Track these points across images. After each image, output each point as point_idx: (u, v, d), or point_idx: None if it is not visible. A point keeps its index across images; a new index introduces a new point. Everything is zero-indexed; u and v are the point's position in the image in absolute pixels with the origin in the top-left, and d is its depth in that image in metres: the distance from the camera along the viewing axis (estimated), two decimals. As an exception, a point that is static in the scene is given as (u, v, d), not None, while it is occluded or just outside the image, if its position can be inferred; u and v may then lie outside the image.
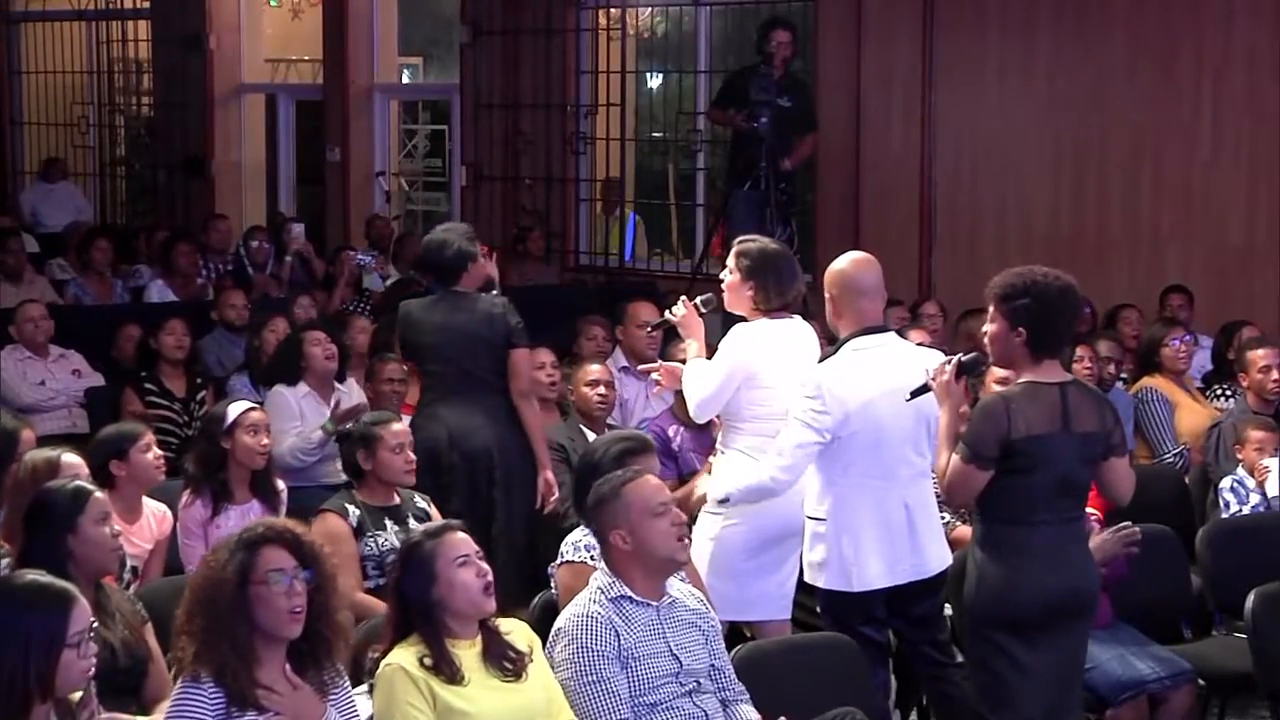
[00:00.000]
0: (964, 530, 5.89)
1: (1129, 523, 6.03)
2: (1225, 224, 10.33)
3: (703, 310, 6.21)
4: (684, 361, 6.16)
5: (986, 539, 5.04)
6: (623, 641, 4.68)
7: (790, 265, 6.08)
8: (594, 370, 7.41)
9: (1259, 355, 7.69)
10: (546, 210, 13.64)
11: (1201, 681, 6.03)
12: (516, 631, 4.67)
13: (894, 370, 5.48)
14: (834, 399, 5.48)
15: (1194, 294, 9.68)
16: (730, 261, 6.05)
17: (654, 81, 14.16)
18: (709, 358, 6.02)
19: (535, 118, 13.72)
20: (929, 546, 5.65)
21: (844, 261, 5.74)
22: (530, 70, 13.72)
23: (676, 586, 4.91)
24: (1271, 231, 9.86)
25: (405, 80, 16.89)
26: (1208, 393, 8.44)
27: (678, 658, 4.75)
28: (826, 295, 5.71)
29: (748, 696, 4.85)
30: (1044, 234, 11.01)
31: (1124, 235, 10.74)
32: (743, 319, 6.02)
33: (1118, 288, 10.05)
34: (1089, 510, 6.68)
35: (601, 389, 7.28)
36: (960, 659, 5.54)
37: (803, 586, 6.11)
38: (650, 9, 13.74)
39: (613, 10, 13.48)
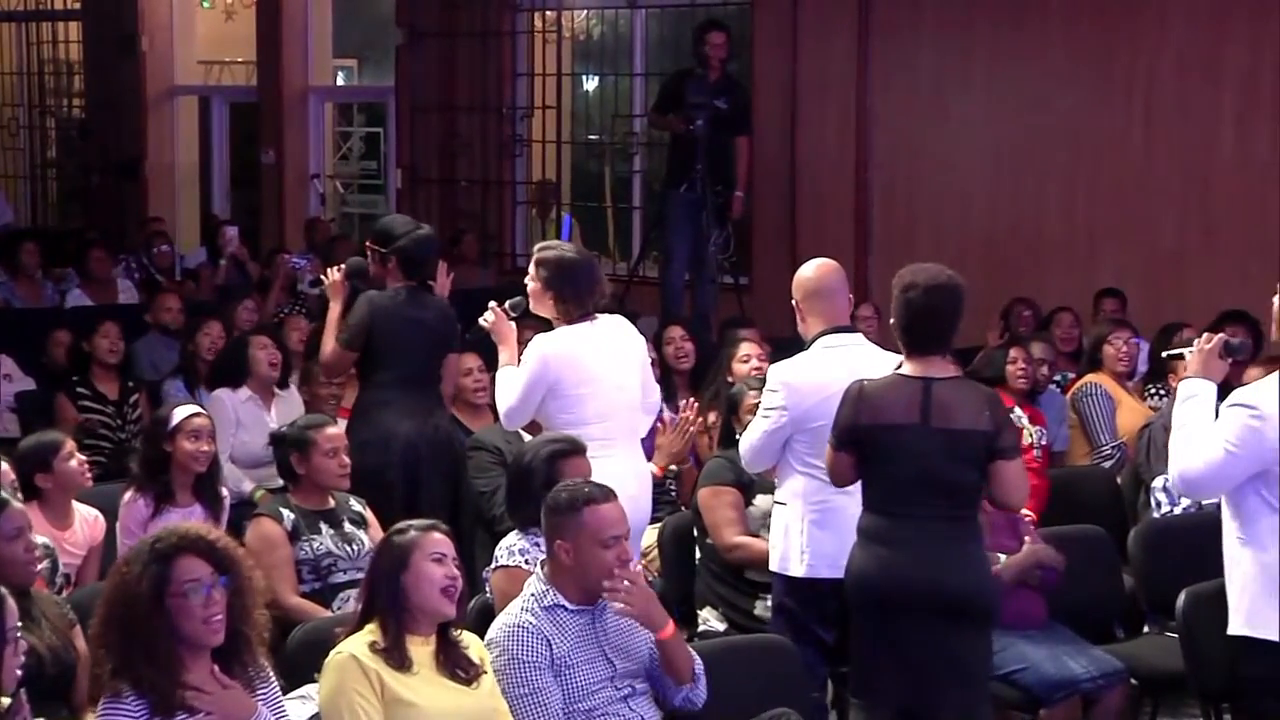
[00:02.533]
0: None
1: (1055, 550, 6.09)
2: (1159, 227, 10.40)
3: (512, 315, 6.31)
4: None
5: (863, 527, 5.13)
6: (556, 650, 4.68)
7: (589, 272, 6.17)
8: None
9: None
10: (483, 213, 13.62)
11: (1134, 681, 6.06)
12: (472, 645, 4.69)
13: (862, 369, 5.48)
14: (794, 393, 5.51)
15: (1128, 296, 9.76)
16: (531, 269, 6.18)
17: (590, 84, 14.16)
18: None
19: (471, 120, 13.70)
20: None
21: (807, 268, 5.79)
22: (466, 73, 13.70)
23: None
24: (1204, 234, 9.94)
25: (340, 82, 16.82)
26: (1144, 393, 8.50)
27: (612, 662, 4.75)
28: (794, 303, 5.73)
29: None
30: (980, 237, 11.07)
31: (1059, 238, 10.81)
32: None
33: (1054, 290, 10.11)
34: (1025, 512, 6.78)
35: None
36: None
37: (739, 588, 6.14)
38: (586, 12, 13.75)
39: (548, 13, 13.48)
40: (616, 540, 4.74)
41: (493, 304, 6.36)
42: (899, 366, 5.18)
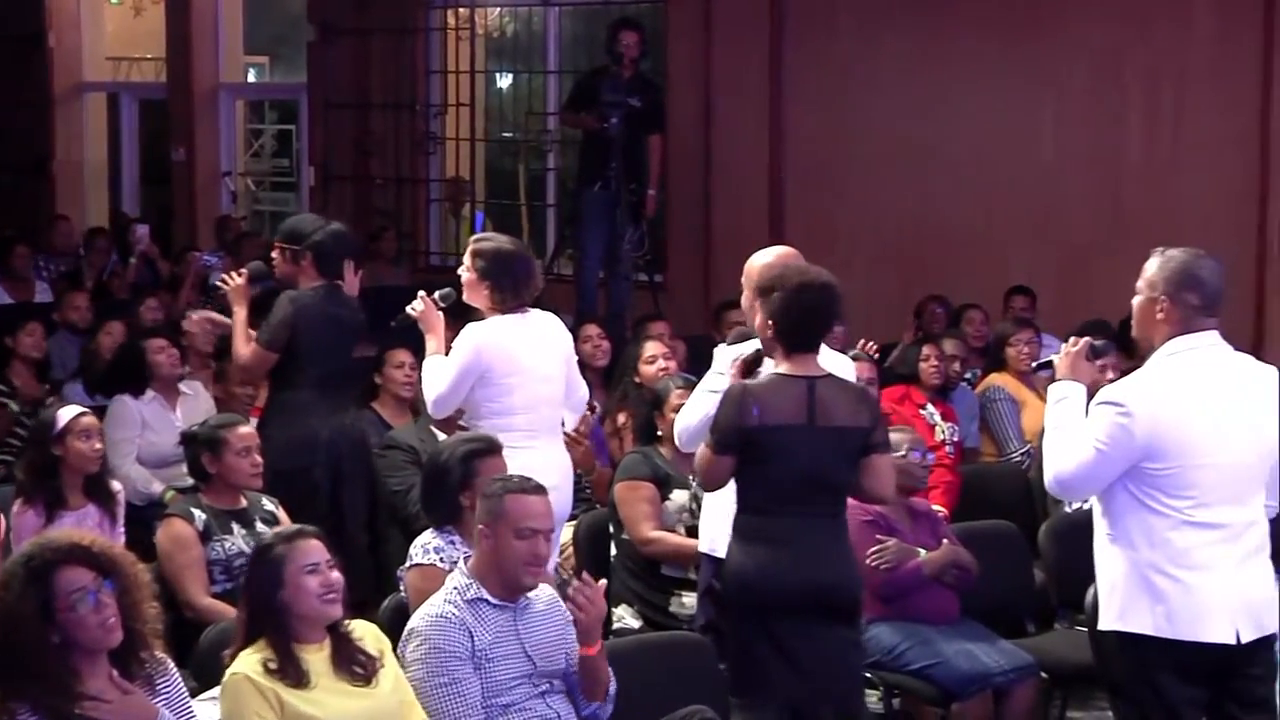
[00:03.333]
0: None
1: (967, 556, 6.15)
2: (1069, 225, 10.51)
3: (441, 304, 6.33)
4: None
5: (739, 527, 5.12)
6: (477, 643, 4.67)
7: (526, 265, 6.21)
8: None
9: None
10: (397, 211, 13.56)
11: (1044, 674, 6.12)
12: (367, 635, 4.65)
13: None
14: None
15: (1039, 294, 9.86)
16: (466, 259, 6.19)
17: (504, 81, 14.14)
18: None
19: (384, 118, 13.63)
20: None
21: (765, 255, 5.68)
22: (379, 70, 13.63)
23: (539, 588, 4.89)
24: (1113, 232, 10.05)
25: (252, 79, 16.70)
26: (1054, 390, 8.58)
27: (532, 659, 4.75)
28: (745, 294, 5.70)
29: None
30: (894, 235, 11.15)
31: (971, 236, 10.89)
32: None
33: (966, 288, 10.18)
34: (936, 507, 6.84)
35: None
36: None
37: (654, 585, 6.15)
38: (499, 9, 13.71)
39: (461, 10, 13.43)
40: (533, 533, 4.73)
41: (422, 293, 6.36)
42: (776, 367, 5.15)
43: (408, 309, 6.37)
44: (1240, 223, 9.50)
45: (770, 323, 5.08)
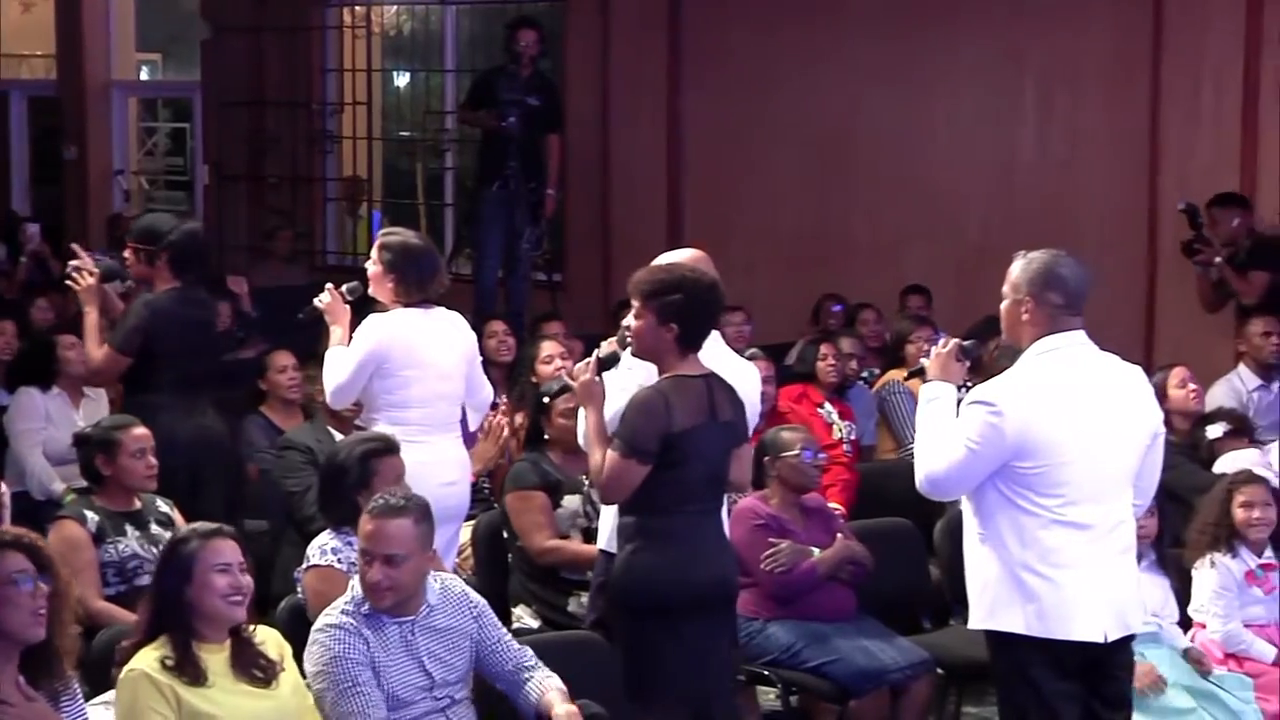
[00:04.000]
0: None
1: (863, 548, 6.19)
2: (963, 224, 10.61)
3: (349, 298, 6.32)
4: None
5: (635, 530, 5.10)
6: (376, 656, 4.64)
7: (431, 260, 6.24)
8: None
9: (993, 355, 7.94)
10: (293, 210, 13.46)
11: (940, 670, 6.17)
12: (269, 640, 4.64)
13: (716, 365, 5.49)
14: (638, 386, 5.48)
15: (934, 293, 9.94)
16: (373, 253, 6.21)
17: (401, 80, 14.07)
18: None
19: (280, 116, 13.54)
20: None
21: (685, 257, 5.70)
22: (274, 68, 13.54)
23: (439, 589, 4.83)
24: (1007, 231, 10.12)
25: (144, 77, 16.52)
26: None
27: (430, 673, 4.71)
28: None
29: (536, 661, 4.88)
30: (791, 233, 11.20)
31: (868, 236, 10.97)
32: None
33: (863, 287, 10.25)
34: (833, 505, 6.88)
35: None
36: None
37: (552, 585, 6.14)
38: (396, 8, 13.66)
39: (358, 8, 13.36)
40: (371, 559, 4.64)
41: (329, 286, 6.35)
42: (671, 369, 5.13)
43: (315, 301, 6.34)
44: (1132, 221, 9.63)
45: (672, 325, 5.05)
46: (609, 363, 5.23)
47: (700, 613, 5.12)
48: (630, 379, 5.28)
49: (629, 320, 5.16)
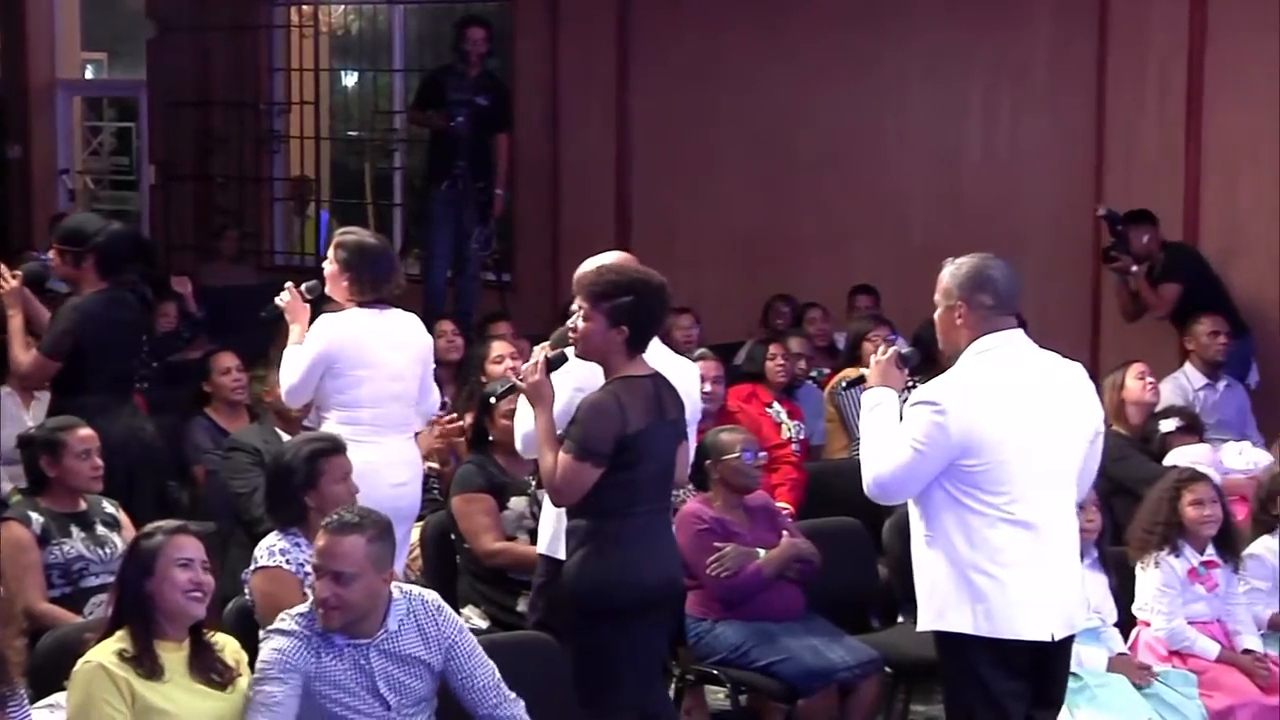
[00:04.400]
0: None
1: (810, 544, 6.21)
2: (909, 223, 10.66)
3: (307, 296, 6.31)
4: None
5: (589, 533, 5.08)
6: (322, 672, 4.56)
7: (387, 261, 6.22)
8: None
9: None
10: (240, 210, 13.40)
11: (888, 669, 6.19)
12: (227, 647, 4.62)
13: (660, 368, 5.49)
14: (575, 389, 5.47)
15: (881, 292, 9.98)
16: (330, 251, 6.20)
17: (349, 80, 14.03)
18: None
19: (227, 116, 13.48)
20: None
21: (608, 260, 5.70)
22: (221, 67, 13.49)
23: (407, 615, 4.71)
24: (952, 231, 10.18)
25: (89, 76, 16.40)
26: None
27: (385, 700, 4.63)
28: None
29: (519, 705, 4.79)
30: (740, 233, 11.22)
31: (816, 234, 11.00)
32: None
33: (811, 286, 10.29)
34: (782, 505, 6.89)
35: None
36: None
37: (500, 585, 6.13)
38: (344, 7, 13.62)
39: (305, 7, 13.31)
40: (321, 574, 4.57)
41: (289, 284, 6.33)
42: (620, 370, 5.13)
43: (276, 300, 6.32)
44: (1078, 221, 9.68)
45: (623, 327, 5.04)
46: (557, 363, 5.20)
47: (651, 613, 5.13)
48: (567, 380, 5.26)
49: (574, 320, 5.14)
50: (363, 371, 6.06)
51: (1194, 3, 9.55)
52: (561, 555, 5.42)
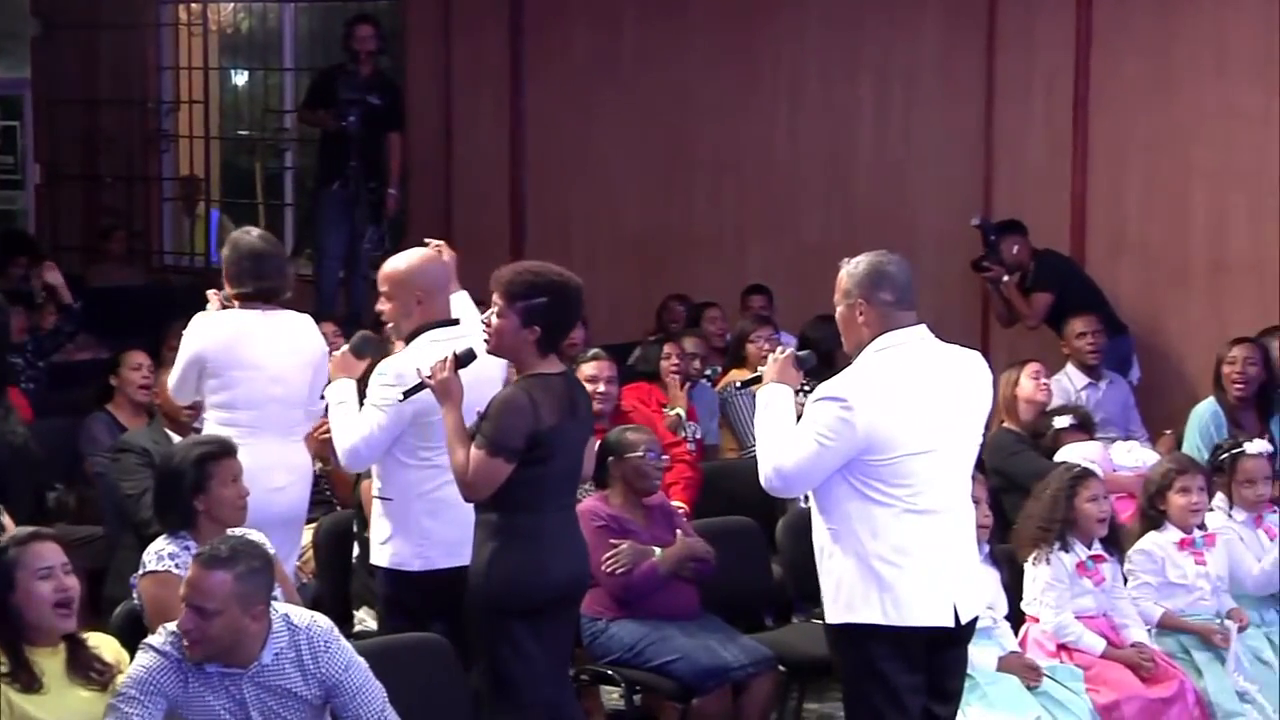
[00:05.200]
0: None
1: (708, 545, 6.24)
2: (803, 223, 10.71)
3: (225, 304, 6.27)
4: None
5: (499, 528, 5.10)
6: (189, 697, 4.49)
7: (271, 261, 6.15)
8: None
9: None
10: (128, 209, 13.25)
11: (782, 667, 6.22)
12: (104, 645, 4.57)
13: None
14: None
15: (775, 292, 10.02)
16: (225, 251, 6.22)
17: (239, 79, 13.90)
18: None
19: (114, 115, 13.33)
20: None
21: (420, 258, 5.71)
22: (108, 66, 13.34)
23: (286, 647, 4.60)
24: (845, 230, 10.26)
25: (-27, 74, 16.13)
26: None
27: None
28: (395, 294, 5.65)
29: None
30: (633, 233, 11.23)
31: (709, 234, 11.03)
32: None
33: (705, 286, 10.32)
34: (677, 504, 6.91)
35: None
36: None
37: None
38: (233, 4, 13.50)
39: (193, 5, 13.18)
40: (186, 604, 4.49)
41: (211, 291, 6.31)
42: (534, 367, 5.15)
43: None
44: (967, 222, 9.76)
45: (536, 327, 5.06)
46: (466, 360, 5.22)
47: (559, 609, 5.17)
48: (391, 394, 5.33)
49: (488, 316, 5.16)
50: (239, 373, 6.02)
51: (1080, 12, 9.68)
52: (408, 567, 5.48)
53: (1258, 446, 6.78)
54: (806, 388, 5.19)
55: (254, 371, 6.03)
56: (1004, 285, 9.49)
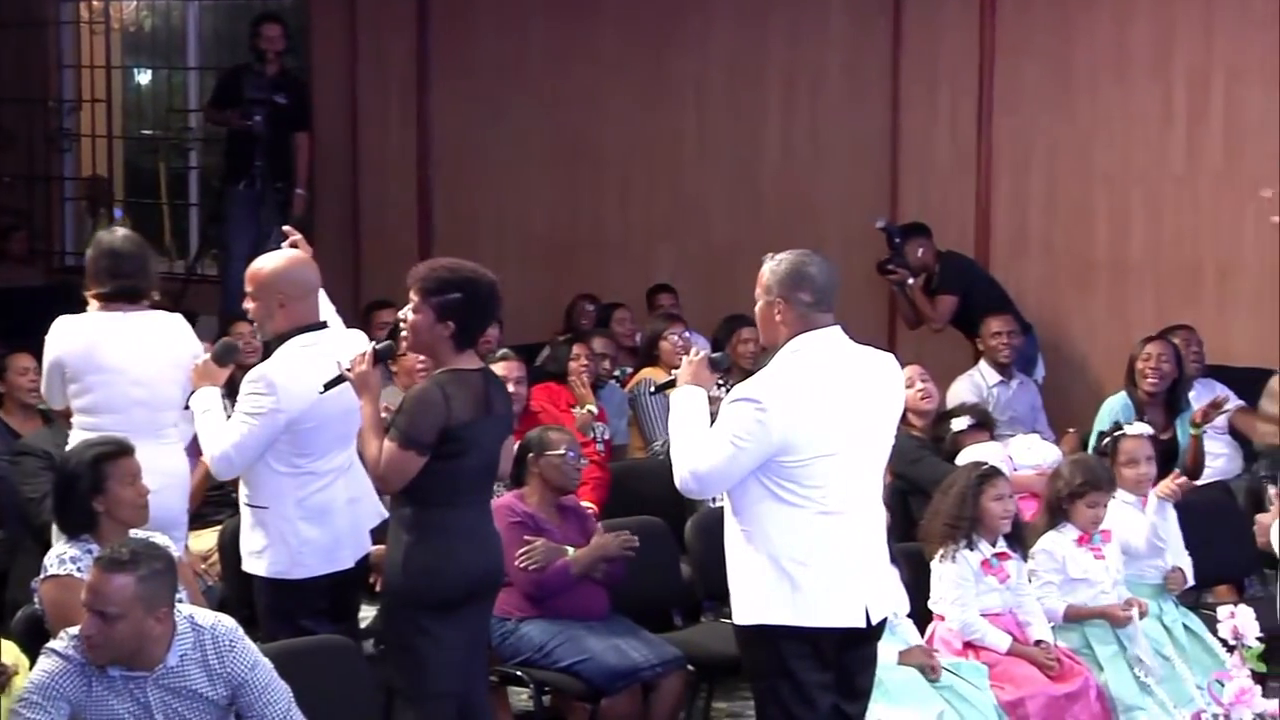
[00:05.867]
0: None
1: (628, 532, 6.25)
2: (710, 223, 10.75)
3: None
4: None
5: (413, 522, 5.11)
6: (92, 701, 4.45)
7: (129, 261, 6.06)
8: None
9: (749, 340, 8.20)
10: (30, 209, 13.09)
11: (691, 666, 6.23)
12: (4, 650, 4.57)
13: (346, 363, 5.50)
14: (287, 393, 5.43)
15: (682, 292, 10.04)
16: (88, 251, 6.16)
17: (143, 77, 13.77)
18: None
19: (15, 113, 13.16)
20: (365, 535, 5.72)
21: (284, 260, 5.70)
22: (8, 64, 13.18)
23: (191, 649, 4.59)
24: (752, 232, 10.30)
25: None
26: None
27: None
28: (259, 295, 5.62)
29: None
30: (541, 233, 11.23)
31: (617, 234, 11.04)
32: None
33: (614, 286, 10.32)
34: (586, 504, 6.91)
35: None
36: None
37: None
38: (136, 2, 13.36)
39: (95, 3, 13.04)
40: (88, 608, 4.46)
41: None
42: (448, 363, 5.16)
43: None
44: (873, 219, 9.81)
45: (449, 323, 5.07)
46: (384, 354, 5.27)
47: (473, 602, 5.18)
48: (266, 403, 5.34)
49: (404, 312, 5.17)
50: (97, 377, 5.93)
51: (983, 18, 9.77)
52: (288, 575, 5.46)
53: (1137, 428, 6.95)
54: (721, 385, 5.22)
55: (114, 375, 5.93)
56: (909, 288, 9.56)
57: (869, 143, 10.19)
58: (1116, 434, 6.90)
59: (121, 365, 5.94)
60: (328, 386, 5.28)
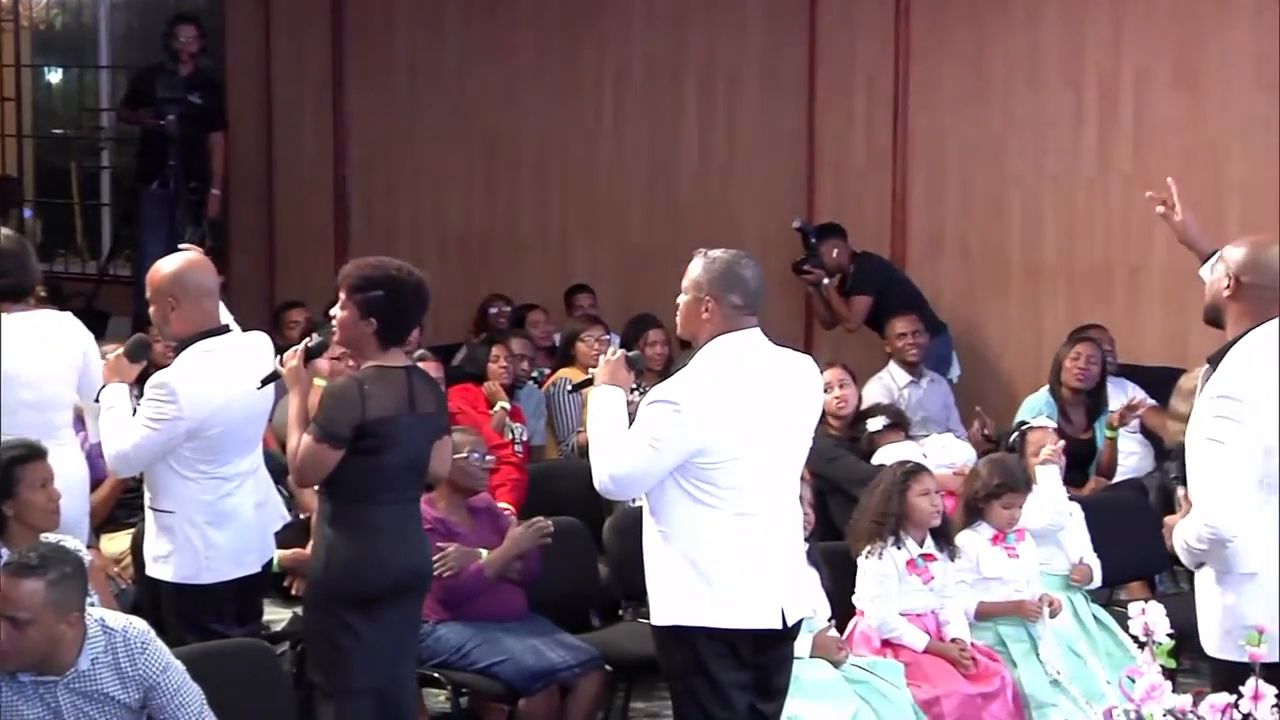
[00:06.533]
0: None
1: (542, 517, 6.26)
2: (626, 223, 10.76)
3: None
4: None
5: (335, 517, 5.12)
6: (7, 714, 4.40)
7: (9, 259, 5.96)
8: None
9: (655, 342, 8.35)
10: (-62, 210, 12.93)
11: (609, 667, 6.23)
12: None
13: (250, 366, 5.50)
14: (190, 400, 5.39)
15: (600, 292, 10.05)
16: None
17: (54, 76, 13.63)
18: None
19: (-77, 112, 12.99)
20: (270, 539, 5.72)
21: (177, 263, 5.67)
22: (-85, 62, 12.99)
23: (102, 652, 4.54)
24: (671, 230, 10.33)
25: None
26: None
27: None
28: (154, 299, 5.58)
29: None
30: (458, 234, 11.20)
31: (534, 234, 11.03)
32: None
33: (530, 286, 10.32)
34: (503, 505, 6.91)
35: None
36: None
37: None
38: (45, 0, 13.22)
39: (3, 0, 12.88)
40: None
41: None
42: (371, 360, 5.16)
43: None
44: (790, 219, 9.87)
45: (372, 320, 5.08)
46: (316, 351, 5.28)
47: (398, 600, 5.16)
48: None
49: (335, 310, 5.17)
50: (13, 381, 5.78)
51: (899, 20, 9.84)
52: (198, 580, 5.45)
53: (1042, 421, 7.15)
54: (638, 388, 5.23)
55: (28, 380, 5.80)
56: (825, 288, 9.62)
57: (785, 143, 10.24)
58: (1025, 428, 7.02)
59: (9, 368, 5.79)
60: (265, 382, 5.32)
